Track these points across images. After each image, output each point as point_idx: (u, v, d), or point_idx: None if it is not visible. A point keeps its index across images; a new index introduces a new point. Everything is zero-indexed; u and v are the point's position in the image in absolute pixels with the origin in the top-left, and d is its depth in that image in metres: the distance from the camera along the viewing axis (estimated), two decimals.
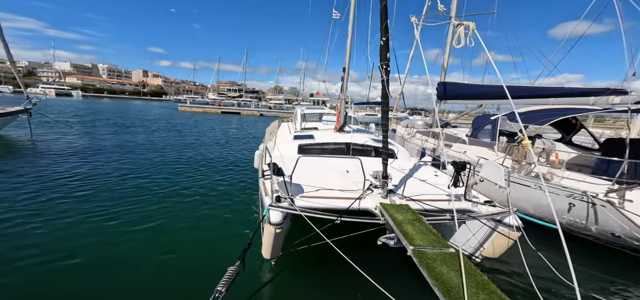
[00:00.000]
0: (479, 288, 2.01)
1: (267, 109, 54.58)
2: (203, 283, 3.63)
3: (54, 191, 6.29)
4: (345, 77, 7.60)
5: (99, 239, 4.56)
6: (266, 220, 3.49)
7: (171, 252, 4.34)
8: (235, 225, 5.48)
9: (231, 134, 20.00)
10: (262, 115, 45.19)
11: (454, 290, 1.97)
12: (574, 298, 2.41)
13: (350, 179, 4.94)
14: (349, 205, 3.62)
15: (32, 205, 5.52)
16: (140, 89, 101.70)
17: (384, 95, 4.42)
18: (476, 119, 8.57)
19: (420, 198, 3.99)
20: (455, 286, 1.99)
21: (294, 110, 13.61)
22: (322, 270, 4.06)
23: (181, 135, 17.09)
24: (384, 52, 4.40)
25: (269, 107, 57.93)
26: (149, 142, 13.63)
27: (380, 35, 4.53)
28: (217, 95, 75.89)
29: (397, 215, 3.19)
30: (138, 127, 19.29)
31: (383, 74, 4.35)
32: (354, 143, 6.71)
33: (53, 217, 5.11)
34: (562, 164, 5.62)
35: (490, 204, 3.89)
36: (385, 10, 4.61)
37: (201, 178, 8.17)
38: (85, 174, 7.57)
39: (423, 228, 2.94)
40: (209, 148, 13.16)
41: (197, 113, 41.39)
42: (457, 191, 4.08)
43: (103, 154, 10.21)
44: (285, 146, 6.84)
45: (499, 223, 3.58)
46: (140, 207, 5.80)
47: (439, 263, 2.19)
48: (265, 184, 4.26)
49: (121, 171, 8.15)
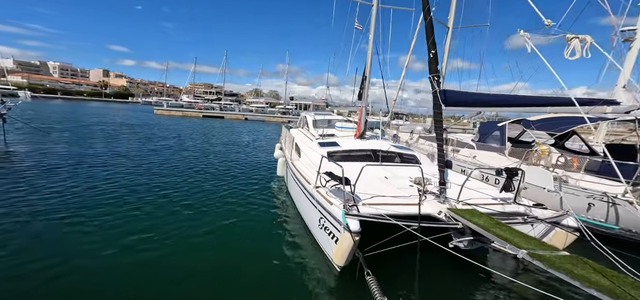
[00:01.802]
0: (630, 287, 2.02)
1: (248, 112, 53.55)
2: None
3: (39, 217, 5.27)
4: (366, 85, 7.76)
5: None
6: (344, 229, 3.49)
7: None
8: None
9: (242, 141, 19.17)
10: (247, 120, 43.94)
11: (614, 292, 1.95)
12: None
13: (392, 184, 5.06)
14: (408, 212, 3.75)
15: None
16: (100, 89, 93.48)
17: (436, 106, 4.62)
18: (482, 125, 9.15)
19: (474, 202, 4.20)
20: (607, 287, 2.04)
21: (299, 116, 13.56)
22: (384, 273, 4.10)
23: (181, 142, 16.21)
24: (434, 65, 4.61)
25: (250, 110, 56.77)
26: (140, 154, 12.74)
27: (428, 49, 4.75)
28: (192, 97, 72.57)
29: (476, 220, 3.35)
30: (125, 134, 17.89)
31: (434, 84, 4.54)
32: (379, 149, 6.86)
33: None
34: (580, 167, 6.22)
35: (541, 207, 4.21)
36: (430, 25, 4.84)
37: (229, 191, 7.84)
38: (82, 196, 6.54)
39: (514, 231, 3.10)
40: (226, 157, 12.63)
41: (176, 117, 39.14)
42: (507, 195, 4.36)
43: (96, 164, 9.38)
44: (313, 153, 6.81)
45: (557, 225, 3.88)
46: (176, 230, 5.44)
47: (570, 265, 2.30)
48: (327, 194, 4.24)
49: (131, 187, 7.56)
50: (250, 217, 6.07)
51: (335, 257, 3.77)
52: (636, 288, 2.06)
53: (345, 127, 9.16)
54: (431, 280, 3.99)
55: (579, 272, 2.16)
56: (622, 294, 1.97)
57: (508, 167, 4.32)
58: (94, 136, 15.38)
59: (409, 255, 3.69)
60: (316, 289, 3.83)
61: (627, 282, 2.14)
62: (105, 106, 54.22)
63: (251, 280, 3.94)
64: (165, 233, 5.00)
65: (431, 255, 4.46)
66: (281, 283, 3.94)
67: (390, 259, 3.89)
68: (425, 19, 4.98)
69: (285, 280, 4.02)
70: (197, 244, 4.76)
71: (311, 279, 4.03)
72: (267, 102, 72.30)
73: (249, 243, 5.01)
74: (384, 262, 4.01)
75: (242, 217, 5.98)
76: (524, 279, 4.22)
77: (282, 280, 4.01)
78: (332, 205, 3.97)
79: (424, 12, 5.01)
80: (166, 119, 33.09)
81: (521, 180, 4.26)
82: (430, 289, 3.87)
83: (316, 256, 4.59)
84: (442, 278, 4.17)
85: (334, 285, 3.92)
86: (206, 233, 5.18)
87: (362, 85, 7.87)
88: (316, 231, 4.73)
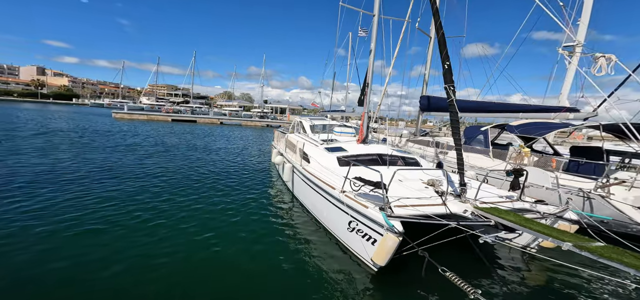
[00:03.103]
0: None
1: (222, 115, 51.28)
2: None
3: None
4: (368, 91, 8.08)
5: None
6: (387, 230, 3.67)
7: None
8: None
9: (235, 148, 18.26)
10: (223, 124, 41.98)
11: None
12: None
13: (408, 187, 5.36)
14: (437, 212, 4.06)
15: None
16: (35, 89, 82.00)
17: (452, 113, 5.04)
18: (467, 130, 10.03)
19: (485, 200, 4.67)
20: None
21: (276, 120, 13.46)
22: (415, 271, 4.35)
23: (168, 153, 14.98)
24: (449, 76, 5.03)
25: (224, 114, 54.44)
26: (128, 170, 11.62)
27: (442, 61, 5.17)
28: (154, 100, 66.66)
29: (505, 216, 3.75)
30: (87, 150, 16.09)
31: (451, 94, 4.96)
32: (385, 154, 7.19)
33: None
34: (558, 167, 7.15)
35: (542, 203, 4.81)
36: (443, 39, 5.28)
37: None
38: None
39: (546, 226, 3.51)
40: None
41: (140, 122, 35.55)
42: (509, 194, 4.91)
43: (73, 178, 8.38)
44: (323, 158, 6.92)
45: (559, 218, 4.47)
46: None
47: (616, 255, 2.65)
48: (355, 197, 4.41)
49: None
50: (262, 224, 5.98)
51: (376, 257, 3.91)
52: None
53: (344, 132, 9.40)
54: (468, 276, 4.33)
55: (629, 261, 2.56)
56: None
57: (516, 168, 4.87)
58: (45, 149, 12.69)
59: (438, 253, 3.98)
60: (351, 291, 3.92)
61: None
62: (42, 109, 45.95)
63: (288, 289, 3.93)
64: (183, 252, 4.73)
65: (456, 253, 4.85)
66: (314, 289, 3.97)
67: (415, 258, 4.09)
68: (437, 34, 5.41)
69: (317, 285, 4.04)
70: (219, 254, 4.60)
71: (344, 282, 4.11)
72: (240, 105, 69.86)
73: (279, 255, 4.87)
74: (410, 261, 4.26)
75: (254, 227, 5.87)
76: (533, 269, 4.80)
77: (314, 285, 4.04)
78: (368, 209, 4.12)
79: (436, 27, 5.46)
80: (128, 124, 29.36)
81: (526, 180, 4.84)
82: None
83: (343, 259, 4.70)
84: (474, 273, 4.52)
85: (372, 286, 4.06)
86: (231, 247, 5.01)
87: (364, 92, 8.16)
88: (344, 234, 4.84)
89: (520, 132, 7.88)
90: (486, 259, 4.89)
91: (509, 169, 4.91)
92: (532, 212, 4.54)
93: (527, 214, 4.45)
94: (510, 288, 4.22)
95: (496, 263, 4.91)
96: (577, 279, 4.49)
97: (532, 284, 4.40)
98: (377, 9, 7.77)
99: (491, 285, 4.24)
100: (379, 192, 4.23)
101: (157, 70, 66.86)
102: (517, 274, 4.60)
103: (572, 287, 4.31)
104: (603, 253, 2.62)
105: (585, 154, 7.98)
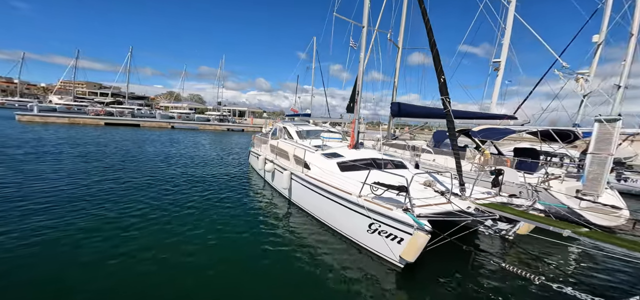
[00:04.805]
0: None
1: (170, 118, 46.24)
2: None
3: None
4: (358, 99, 8.55)
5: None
6: (417, 229, 4.08)
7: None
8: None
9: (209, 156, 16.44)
10: (174, 128, 37.64)
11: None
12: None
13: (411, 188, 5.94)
14: (446, 209, 4.68)
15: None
16: None
17: (449, 121, 5.76)
18: (436, 133, 11.35)
19: (477, 197, 5.50)
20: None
21: (272, 125, 13.18)
22: (438, 264, 4.85)
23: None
24: (444, 88, 5.76)
25: (172, 116, 49.11)
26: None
27: (438, 76, 5.89)
28: (72, 99, 54.56)
29: (508, 210, 4.51)
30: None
31: (447, 104, 5.68)
32: (377, 158, 7.73)
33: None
34: (512, 166, 8.66)
35: (515, 197, 5.87)
36: (437, 55, 6.01)
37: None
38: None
39: (540, 216, 4.34)
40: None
41: (60, 126, 28.48)
42: (488, 190, 5.89)
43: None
44: (323, 164, 7.11)
45: (532, 208, 5.51)
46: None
47: (605, 237, 3.50)
48: (373, 200, 4.78)
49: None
50: (276, 235, 5.87)
51: (406, 254, 4.27)
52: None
53: (331, 137, 9.70)
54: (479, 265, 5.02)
55: (615, 241, 3.39)
56: None
57: (497, 169, 5.85)
58: None
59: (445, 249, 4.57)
60: (376, 289, 4.17)
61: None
62: None
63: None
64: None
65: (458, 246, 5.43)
66: (339, 291, 4.11)
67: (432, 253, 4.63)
68: (431, 51, 6.12)
69: (341, 287, 4.19)
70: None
71: (368, 281, 4.34)
72: (191, 107, 63.70)
73: (294, 263, 4.87)
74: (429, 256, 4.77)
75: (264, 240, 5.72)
76: (512, 254, 5.76)
77: (339, 287, 4.19)
78: (392, 210, 4.49)
79: (430, 45, 6.16)
80: (42, 129, 23.34)
81: (503, 178, 5.85)
82: (477, 272, 4.87)
83: (362, 259, 4.96)
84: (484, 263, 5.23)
85: (400, 284, 4.41)
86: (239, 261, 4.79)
87: (354, 99, 8.61)
88: (363, 236, 5.11)
89: (482, 136, 9.30)
90: (476, 249, 5.74)
91: (492, 169, 5.86)
92: (511, 205, 5.52)
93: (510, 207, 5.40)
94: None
95: (486, 251, 5.80)
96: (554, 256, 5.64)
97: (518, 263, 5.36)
98: (366, 20, 8.32)
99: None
100: (394, 194, 4.66)
101: (76, 65, 55.62)
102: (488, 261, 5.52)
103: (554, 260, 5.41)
104: (615, 242, 3.45)
105: (525, 154, 9.85)
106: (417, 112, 13.19)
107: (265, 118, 59.67)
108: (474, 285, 4.32)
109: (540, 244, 5.77)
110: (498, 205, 4.86)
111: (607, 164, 7.06)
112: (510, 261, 5.22)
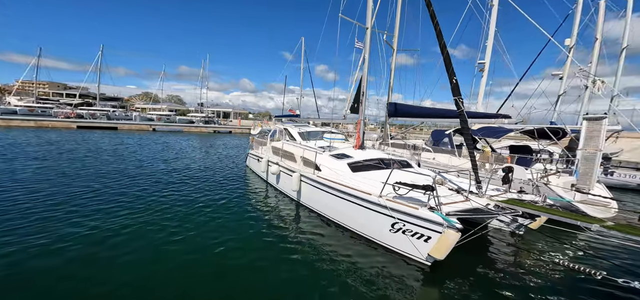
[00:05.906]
0: None
1: (149, 121, 43.90)
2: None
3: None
4: (363, 100, 8.58)
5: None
6: (447, 227, 4.15)
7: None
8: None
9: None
10: (156, 131, 35.78)
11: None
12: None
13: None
14: (467, 207, 4.82)
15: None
16: None
17: (462, 121, 5.91)
18: (434, 133, 11.65)
19: (491, 194, 5.70)
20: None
21: (261, 127, 12.84)
22: (466, 259, 4.94)
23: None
24: (457, 90, 5.91)
25: (151, 119, 46.58)
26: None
27: (449, 78, 6.03)
28: (34, 101, 49.54)
29: (529, 206, 4.69)
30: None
31: (461, 104, 5.83)
32: (385, 158, 7.81)
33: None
34: (512, 162, 9.06)
35: (523, 193, 6.14)
36: (448, 58, 6.15)
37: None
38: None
39: (564, 212, 4.54)
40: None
41: (26, 129, 26.84)
42: (499, 187, 6.13)
43: None
44: (334, 165, 7.07)
45: (544, 203, 5.78)
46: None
47: (630, 230, 3.71)
48: (395, 200, 4.85)
49: None
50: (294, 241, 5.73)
51: (435, 252, 4.30)
52: None
53: (334, 138, 9.67)
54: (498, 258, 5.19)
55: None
56: None
57: (508, 166, 6.09)
58: None
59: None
60: (404, 287, 4.21)
61: None
62: None
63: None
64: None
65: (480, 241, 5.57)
66: (368, 291, 4.10)
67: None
68: (442, 53, 6.26)
69: (366, 289, 4.18)
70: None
71: (394, 280, 4.37)
72: (170, 109, 60.64)
73: (315, 263, 4.79)
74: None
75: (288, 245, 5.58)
76: (523, 249, 6.03)
77: (366, 288, 4.18)
78: (418, 210, 4.53)
79: (440, 47, 6.30)
80: (7, 134, 21.44)
81: (513, 175, 6.10)
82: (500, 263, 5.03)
83: (386, 258, 4.97)
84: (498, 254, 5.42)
85: (426, 281, 4.45)
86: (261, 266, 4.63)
87: (359, 100, 8.64)
88: (386, 235, 5.10)
89: (482, 134, 9.67)
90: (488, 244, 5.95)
91: (504, 167, 6.10)
92: (524, 201, 5.77)
93: (544, 202, 5.61)
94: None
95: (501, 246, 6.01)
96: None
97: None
98: (370, 22, 8.37)
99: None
100: (413, 193, 4.73)
101: (38, 64, 50.49)
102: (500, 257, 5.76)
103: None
104: (620, 229, 3.70)
105: (520, 151, 10.37)
106: (414, 112, 13.48)
107: (251, 119, 58.35)
108: (497, 278, 4.47)
109: (550, 237, 6.06)
110: (516, 202, 5.06)
111: (596, 159, 7.61)
112: (525, 254, 5.47)
